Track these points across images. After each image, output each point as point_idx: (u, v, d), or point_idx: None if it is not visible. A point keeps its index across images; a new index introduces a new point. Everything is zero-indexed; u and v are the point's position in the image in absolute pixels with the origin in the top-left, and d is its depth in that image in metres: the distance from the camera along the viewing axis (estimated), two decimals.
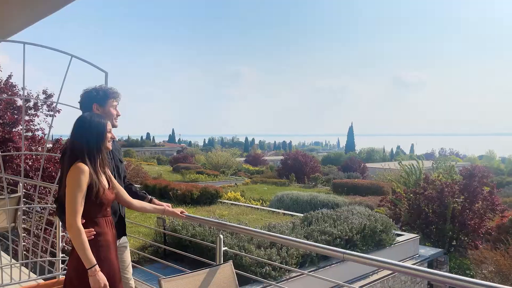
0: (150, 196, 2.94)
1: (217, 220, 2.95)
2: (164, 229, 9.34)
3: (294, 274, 7.97)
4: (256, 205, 18.29)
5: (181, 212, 2.89)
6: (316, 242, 8.73)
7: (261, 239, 8.36)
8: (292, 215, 13.63)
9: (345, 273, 9.11)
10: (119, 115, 2.73)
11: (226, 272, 2.30)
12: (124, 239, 2.83)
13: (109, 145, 2.39)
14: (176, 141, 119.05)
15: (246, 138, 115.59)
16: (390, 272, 9.85)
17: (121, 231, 2.76)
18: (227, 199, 18.34)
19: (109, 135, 2.36)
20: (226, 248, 2.77)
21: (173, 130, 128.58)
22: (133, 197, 2.73)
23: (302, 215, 11.68)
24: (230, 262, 2.36)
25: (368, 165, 43.49)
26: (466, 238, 13.02)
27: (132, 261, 3.07)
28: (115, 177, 2.55)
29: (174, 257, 8.61)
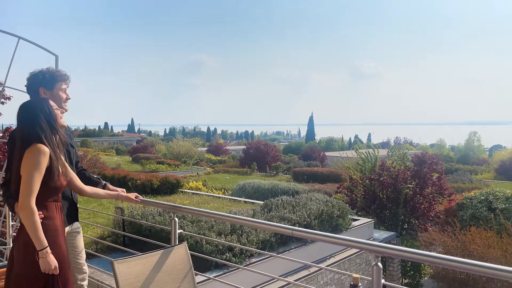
0: (104, 182, 2.92)
1: (171, 204, 2.98)
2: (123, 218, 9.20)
3: (254, 260, 8.12)
4: (218, 194, 18.36)
5: (136, 197, 2.90)
6: None
7: (221, 226, 8.46)
8: (253, 203, 13.80)
9: (304, 258, 9.39)
10: (68, 99, 2.68)
11: (180, 253, 2.34)
12: (76, 224, 2.80)
13: (63, 121, 2.37)
14: (136, 131, 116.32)
15: (208, 128, 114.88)
16: (347, 255, 10.25)
17: (73, 216, 2.72)
18: (189, 189, 18.26)
19: (57, 111, 2.34)
20: (181, 230, 2.81)
21: (132, 119, 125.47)
22: (87, 183, 2.71)
23: (262, 202, 11.87)
24: (184, 243, 2.40)
25: (327, 153, 44.55)
26: (416, 222, 13.73)
27: (91, 251, 3.05)
28: (66, 162, 2.52)
29: (134, 247, 8.51)
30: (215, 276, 6.77)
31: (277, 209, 10.22)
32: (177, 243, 2.67)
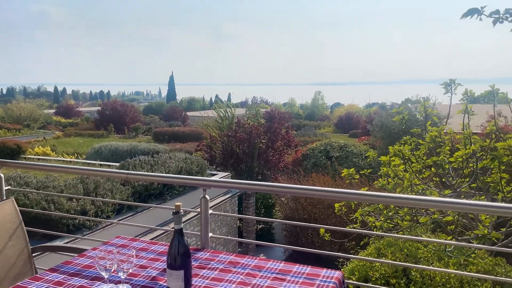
0: None
1: None
2: None
3: (109, 222, 7.96)
4: (70, 158, 17.01)
5: None
6: (133, 187, 8.83)
7: (73, 190, 8.00)
8: (109, 165, 13.24)
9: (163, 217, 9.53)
10: None
11: (6, 209, 2.22)
12: None
13: None
14: None
15: (56, 88, 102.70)
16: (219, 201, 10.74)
17: None
18: (34, 155, 16.46)
19: None
20: (9, 187, 2.63)
21: None
22: None
23: (119, 164, 11.50)
24: (12, 199, 2.29)
25: (189, 113, 44.66)
26: (269, 172, 15.09)
27: None
28: None
29: None
30: (66, 242, 6.48)
31: (135, 169, 10.07)
32: (4, 199, 2.51)
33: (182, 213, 1.66)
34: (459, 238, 4.72)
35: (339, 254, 2.58)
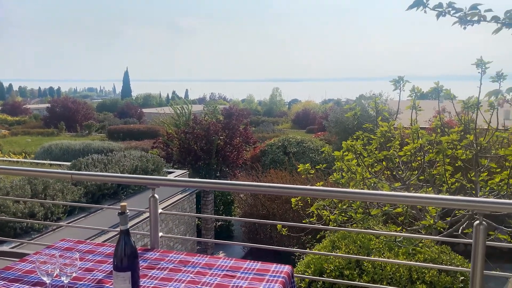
0: None
1: None
2: None
3: (61, 223, 7.62)
4: (17, 158, 16.12)
5: None
6: (85, 187, 8.50)
7: (20, 192, 7.58)
8: (60, 165, 12.68)
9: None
10: None
11: None
12: None
13: None
14: None
15: (1, 84, 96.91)
16: (175, 200, 10.55)
17: None
18: None
19: None
20: None
21: None
22: None
23: (70, 163, 11.03)
24: None
25: (145, 110, 43.67)
26: (227, 169, 15.05)
27: None
28: None
29: None
30: (12, 247, 6.16)
31: (87, 168, 9.69)
32: None
33: (128, 213, 1.61)
34: (409, 228, 4.93)
35: (294, 249, 2.62)
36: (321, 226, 3.18)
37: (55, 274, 1.65)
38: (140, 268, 1.82)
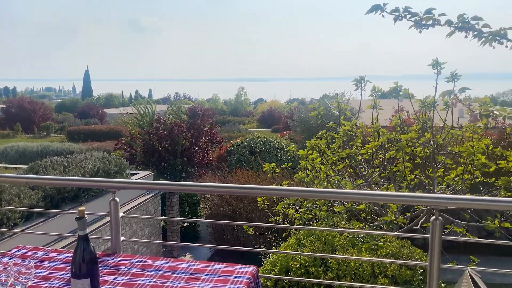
0: None
1: None
2: None
3: (18, 229, 7.28)
4: None
5: None
6: (44, 190, 8.17)
7: None
8: (16, 168, 12.11)
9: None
10: None
11: None
12: None
13: None
14: None
15: None
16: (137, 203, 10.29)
17: None
18: None
19: None
20: None
21: None
22: None
23: (27, 166, 10.56)
24: None
25: (107, 110, 42.50)
26: (193, 169, 14.90)
27: None
28: None
29: None
30: None
31: (45, 171, 9.32)
32: None
33: (87, 218, 1.56)
34: (371, 224, 5.07)
35: (260, 249, 2.63)
36: (286, 225, 3.21)
37: (9, 284, 1.58)
38: (101, 274, 1.76)
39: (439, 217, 1.83)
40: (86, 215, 1.51)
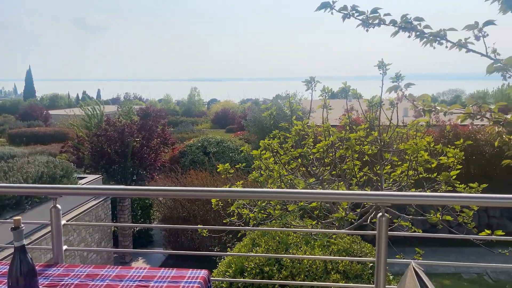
0: None
1: None
2: None
3: None
4: None
5: None
6: None
7: None
8: None
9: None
10: None
11: None
12: None
13: None
14: None
15: None
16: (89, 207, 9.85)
17: None
18: None
19: None
20: None
21: None
22: None
23: None
24: None
25: (51, 112, 40.43)
26: (145, 172, 14.51)
27: None
28: None
29: None
30: None
31: None
32: None
33: (23, 227, 1.45)
34: (323, 221, 5.18)
35: (213, 253, 2.59)
36: (241, 227, 3.20)
37: None
38: (41, 286, 1.65)
39: (385, 214, 1.89)
40: (23, 225, 1.41)
